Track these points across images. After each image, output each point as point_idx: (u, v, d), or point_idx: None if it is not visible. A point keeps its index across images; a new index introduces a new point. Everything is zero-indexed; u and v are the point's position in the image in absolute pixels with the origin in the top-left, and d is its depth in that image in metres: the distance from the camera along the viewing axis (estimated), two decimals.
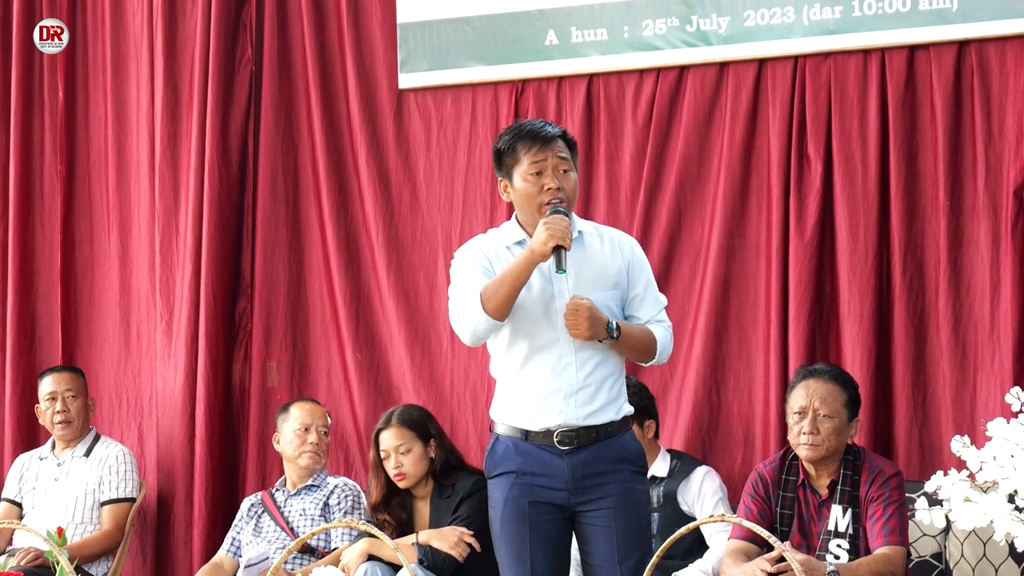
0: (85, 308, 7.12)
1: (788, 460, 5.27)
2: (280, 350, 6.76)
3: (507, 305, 4.43)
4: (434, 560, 5.53)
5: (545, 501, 4.51)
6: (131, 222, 7.02)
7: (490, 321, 4.44)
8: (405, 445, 5.81)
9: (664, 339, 4.61)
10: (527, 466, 4.51)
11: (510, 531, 4.55)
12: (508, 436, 4.56)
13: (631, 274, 4.60)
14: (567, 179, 4.51)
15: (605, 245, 4.60)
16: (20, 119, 7.16)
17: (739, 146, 6.06)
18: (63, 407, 6.58)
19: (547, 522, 4.52)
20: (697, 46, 6.10)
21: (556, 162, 4.51)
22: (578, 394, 4.49)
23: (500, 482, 4.58)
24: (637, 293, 4.61)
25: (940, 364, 5.80)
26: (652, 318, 4.61)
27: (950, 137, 5.81)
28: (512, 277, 4.42)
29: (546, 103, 6.36)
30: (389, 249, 6.58)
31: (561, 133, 4.59)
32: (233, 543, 6.16)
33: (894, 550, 5.01)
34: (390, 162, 6.62)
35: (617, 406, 4.55)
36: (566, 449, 4.48)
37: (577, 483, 4.49)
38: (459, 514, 5.70)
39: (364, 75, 6.65)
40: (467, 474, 5.82)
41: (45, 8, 7.16)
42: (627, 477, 4.53)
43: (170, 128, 6.88)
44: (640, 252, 4.68)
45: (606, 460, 4.50)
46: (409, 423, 5.84)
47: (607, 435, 4.51)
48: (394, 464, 5.79)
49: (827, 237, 5.94)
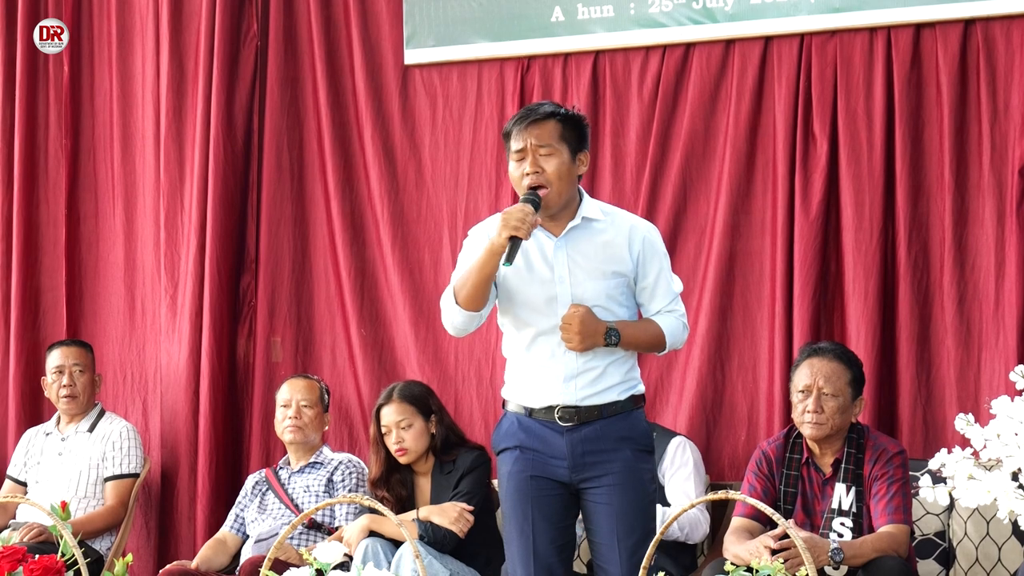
0: (90, 282, 7.12)
1: (792, 438, 5.28)
2: (284, 325, 6.76)
3: (477, 296, 4.41)
4: (435, 536, 5.53)
5: (546, 476, 4.52)
6: (136, 196, 7.02)
7: (463, 312, 4.45)
8: (406, 420, 5.81)
9: (673, 330, 4.57)
10: (529, 441, 4.53)
11: (512, 505, 4.58)
12: (514, 412, 4.58)
13: (642, 264, 4.55)
14: (548, 162, 4.44)
15: (613, 232, 4.55)
16: (25, 93, 7.14)
17: (745, 124, 6.05)
18: (70, 381, 6.59)
19: (548, 497, 4.53)
20: (703, 23, 6.09)
21: (535, 147, 4.44)
22: (578, 378, 4.49)
23: (504, 457, 4.60)
24: (647, 284, 4.56)
25: (944, 342, 5.81)
26: (663, 309, 4.58)
27: (955, 115, 5.81)
28: (476, 268, 4.40)
29: (552, 80, 6.35)
30: (394, 225, 6.58)
31: (550, 112, 4.50)
32: (237, 519, 6.16)
33: (897, 528, 5.01)
34: (395, 138, 6.62)
35: (623, 387, 4.54)
36: (567, 426, 4.48)
37: (577, 460, 4.50)
38: (459, 490, 5.70)
39: (370, 50, 6.65)
40: (467, 450, 5.83)
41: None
42: (629, 456, 4.52)
43: (175, 102, 6.87)
44: (654, 240, 4.60)
45: (608, 438, 4.50)
46: (410, 398, 5.84)
47: (610, 414, 4.51)
48: (395, 439, 5.79)
49: (832, 215, 5.94)
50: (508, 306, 4.55)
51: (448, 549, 5.57)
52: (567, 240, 4.51)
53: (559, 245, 4.51)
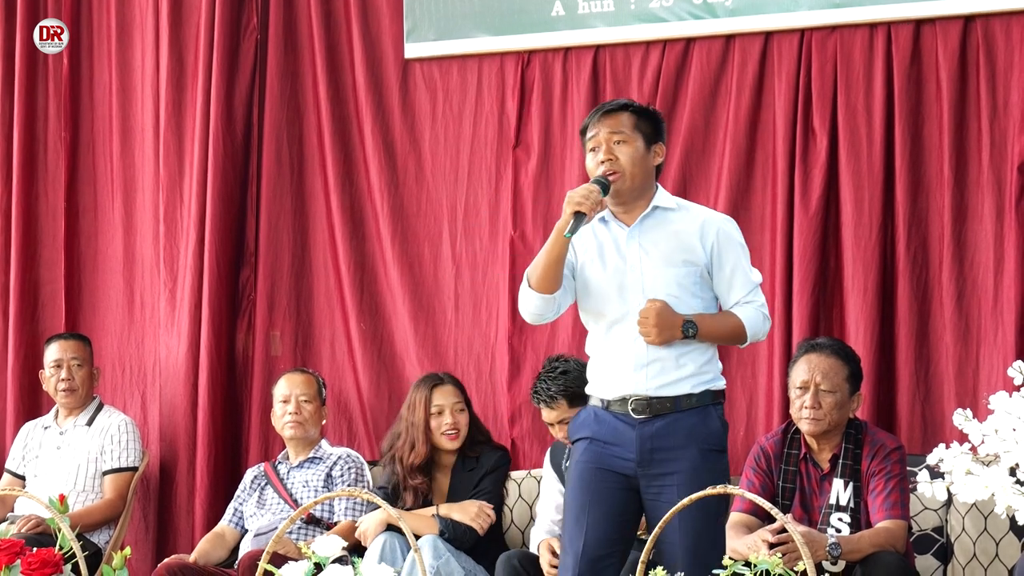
0: (88, 276, 7.12)
1: (790, 434, 5.28)
2: (284, 319, 6.76)
3: (548, 277, 4.48)
4: (455, 532, 5.54)
5: (612, 469, 4.52)
6: (135, 190, 7.01)
7: (537, 295, 4.51)
8: (460, 404, 5.82)
9: (753, 321, 4.57)
10: (600, 433, 4.54)
11: (573, 494, 4.59)
12: (593, 406, 4.61)
13: (717, 256, 4.56)
14: (621, 150, 4.53)
15: (685, 223, 4.58)
16: (24, 85, 7.13)
17: (744, 119, 6.06)
18: (68, 375, 6.59)
19: (610, 490, 4.52)
20: (703, 18, 6.09)
21: (608, 135, 4.54)
22: (649, 366, 4.49)
23: (576, 447, 4.63)
24: (724, 274, 4.58)
25: (943, 338, 5.81)
26: (741, 299, 4.58)
27: (955, 111, 5.81)
28: (546, 250, 4.49)
29: (552, 74, 6.36)
30: (394, 219, 6.58)
31: (624, 104, 4.62)
32: (235, 514, 6.17)
33: (895, 524, 5.02)
34: (395, 132, 6.62)
35: (697, 379, 4.52)
36: (640, 418, 4.48)
37: (645, 455, 4.49)
38: (481, 488, 5.71)
39: (370, 44, 6.64)
40: (492, 449, 5.84)
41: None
42: (696, 455, 4.49)
43: (175, 96, 6.87)
44: (730, 231, 4.63)
45: (677, 434, 4.48)
46: (459, 385, 5.87)
47: (684, 408, 4.50)
48: (450, 421, 5.77)
49: (832, 211, 5.95)
50: (585, 297, 4.60)
51: (467, 547, 5.57)
52: (639, 229, 4.56)
53: (631, 235, 4.56)
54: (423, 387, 5.88)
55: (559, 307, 4.57)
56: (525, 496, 6.00)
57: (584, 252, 4.58)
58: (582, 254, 4.57)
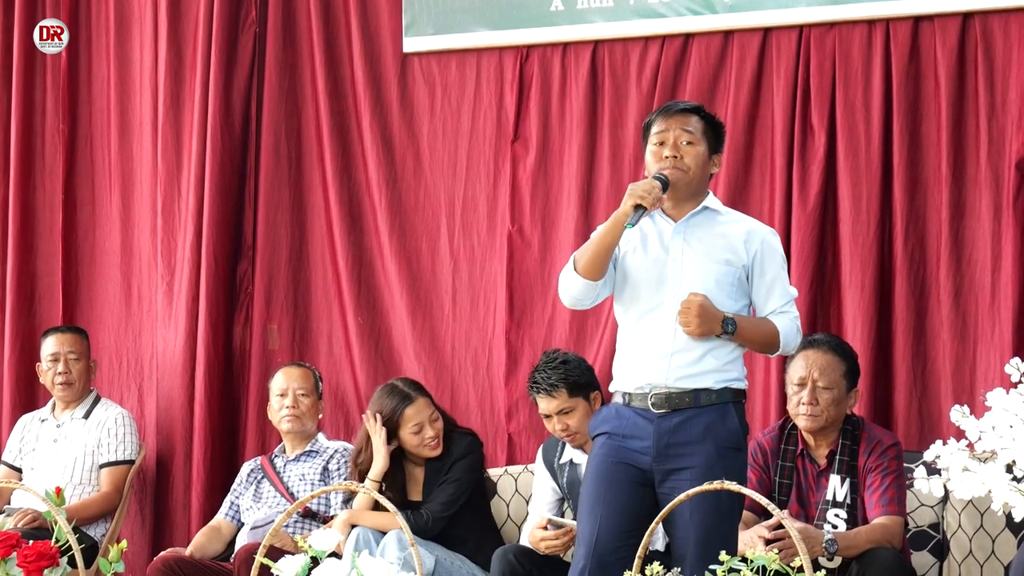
0: (86, 268, 7.12)
1: (787, 430, 5.29)
2: (281, 313, 6.76)
3: (595, 263, 4.53)
4: (417, 523, 5.53)
5: (629, 463, 4.53)
6: (133, 183, 7.01)
7: (581, 280, 4.55)
8: (434, 414, 5.80)
9: (788, 331, 4.61)
10: (620, 428, 4.56)
11: (588, 487, 4.60)
12: (616, 402, 4.63)
13: (759, 263, 4.60)
14: (689, 150, 4.58)
15: (733, 226, 4.64)
16: (22, 78, 7.13)
17: (743, 115, 6.06)
18: (65, 368, 6.59)
19: (625, 483, 4.53)
20: (702, 14, 6.09)
21: (679, 133, 4.58)
22: (674, 356, 4.51)
23: (596, 442, 4.65)
24: (765, 282, 4.61)
25: (940, 335, 5.82)
26: (777, 309, 4.62)
27: (953, 109, 5.81)
28: (599, 236, 4.54)
29: (551, 69, 6.36)
30: (392, 213, 6.58)
31: (695, 107, 4.68)
32: (232, 507, 6.17)
33: (891, 520, 5.02)
34: (394, 126, 6.62)
35: (719, 376, 4.54)
36: (659, 413, 4.50)
37: (661, 450, 4.50)
38: (449, 476, 5.70)
39: (369, 38, 6.64)
40: (460, 435, 5.82)
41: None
42: (712, 451, 4.49)
43: (173, 89, 6.87)
44: (773, 243, 4.67)
45: (693, 430, 4.49)
46: (427, 393, 5.84)
47: (703, 403, 4.52)
48: (432, 434, 5.75)
49: (829, 207, 5.95)
50: (622, 285, 4.63)
51: (432, 535, 5.57)
52: (686, 225, 4.60)
53: (677, 229, 4.60)
54: (391, 407, 5.76)
55: (598, 295, 4.62)
56: (522, 491, 6.00)
57: (627, 242, 4.61)
58: (624, 244, 4.61)
